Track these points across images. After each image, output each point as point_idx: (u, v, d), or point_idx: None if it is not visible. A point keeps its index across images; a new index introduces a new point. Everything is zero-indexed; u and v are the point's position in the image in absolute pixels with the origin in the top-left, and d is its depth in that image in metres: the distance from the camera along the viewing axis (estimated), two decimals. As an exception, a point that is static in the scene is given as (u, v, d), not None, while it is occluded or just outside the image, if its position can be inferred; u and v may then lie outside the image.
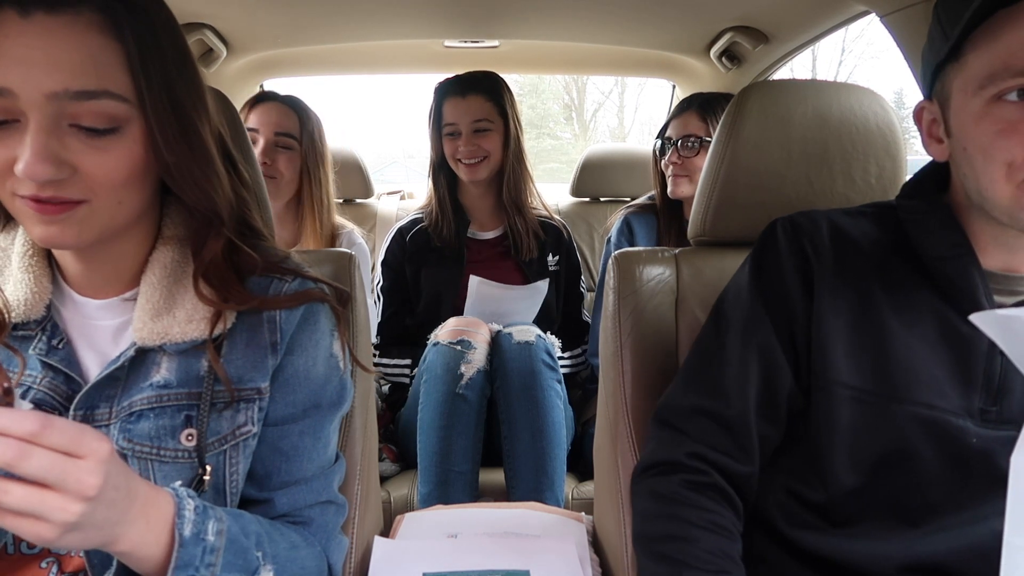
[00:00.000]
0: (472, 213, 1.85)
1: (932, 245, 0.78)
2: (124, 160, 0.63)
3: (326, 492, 0.80)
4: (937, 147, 0.79)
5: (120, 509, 0.56)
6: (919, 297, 0.78)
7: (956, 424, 0.75)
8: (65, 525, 0.51)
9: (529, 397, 1.53)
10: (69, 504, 0.51)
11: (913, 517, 0.76)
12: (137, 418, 0.69)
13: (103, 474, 0.52)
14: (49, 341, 0.70)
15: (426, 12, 1.72)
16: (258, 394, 0.73)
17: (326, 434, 0.80)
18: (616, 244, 1.84)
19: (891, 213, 0.84)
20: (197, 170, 0.69)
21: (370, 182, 2.32)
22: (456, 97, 1.76)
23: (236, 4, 1.57)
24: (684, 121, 1.73)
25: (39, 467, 0.49)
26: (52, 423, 0.51)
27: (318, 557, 0.77)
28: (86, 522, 0.52)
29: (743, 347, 0.82)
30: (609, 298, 1.04)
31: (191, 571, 0.62)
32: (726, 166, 0.99)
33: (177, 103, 0.66)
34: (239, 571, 0.66)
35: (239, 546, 0.66)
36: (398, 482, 1.62)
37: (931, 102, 0.79)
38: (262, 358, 0.74)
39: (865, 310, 0.79)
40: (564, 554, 0.99)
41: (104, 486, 0.53)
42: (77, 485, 0.51)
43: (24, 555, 0.69)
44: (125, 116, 0.63)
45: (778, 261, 0.82)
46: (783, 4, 1.54)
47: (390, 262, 1.83)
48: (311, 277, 0.79)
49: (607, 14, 1.71)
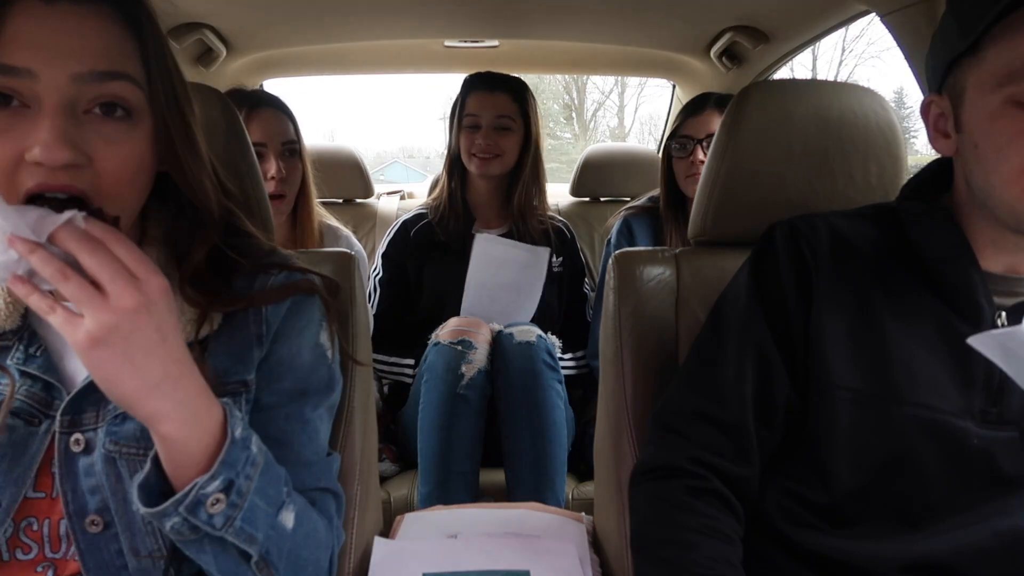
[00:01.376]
0: (479, 211, 1.85)
1: (932, 246, 0.78)
2: (135, 153, 0.64)
3: (326, 479, 0.79)
4: (944, 142, 0.78)
5: (161, 366, 0.58)
6: (918, 299, 0.78)
7: (957, 425, 0.74)
8: (100, 327, 0.54)
9: (530, 397, 1.53)
10: (108, 308, 0.54)
11: (914, 518, 0.76)
12: (122, 420, 0.69)
13: (145, 300, 0.56)
14: (26, 350, 0.70)
15: (426, 12, 1.72)
16: (244, 387, 0.73)
17: (314, 421, 0.79)
18: (616, 245, 1.84)
19: (891, 214, 0.84)
20: (198, 170, 0.70)
21: (370, 182, 2.32)
22: (483, 91, 1.77)
23: (236, 4, 1.57)
24: (706, 119, 1.71)
25: (97, 262, 0.55)
26: (121, 239, 0.57)
27: (327, 528, 0.76)
28: (117, 341, 0.55)
29: (740, 350, 0.81)
30: (609, 298, 1.04)
31: (233, 473, 0.62)
32: (726, 166, 0.99)
33: (180, 102, 0.68)
34: (268, 500, 0.65)
35: (273, 473, 0.67)
36: (398, 482, 1.62)
37: (940, 96, 0.77)
38: (247, 350, 0.73)
39: (864, 312, 0.78)
40: (564, 554, 0.99)
41: (144, 311, 0.56)
42: (121, 292, 0.55)
43: (19, 561, 0.68)
44: (139, 106, 0.64)
45: (776, 265, 0.82)
46: (783, 4, 1.54)
47: (391, 254, 1.82)
48: (298, 268, 0.79)
49: (607, 14, 1.72)
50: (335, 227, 1.74)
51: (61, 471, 0.67)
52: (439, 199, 1.85)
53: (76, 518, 0.68)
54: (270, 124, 1.56)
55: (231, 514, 0.62)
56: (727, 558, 0.75)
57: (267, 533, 0.65)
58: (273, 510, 0.66)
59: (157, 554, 0.68)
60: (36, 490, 0.68)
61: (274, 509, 0.66)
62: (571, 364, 1.80)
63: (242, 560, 0.65)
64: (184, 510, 0.60)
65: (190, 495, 0.60)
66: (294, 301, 0.77)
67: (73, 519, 0.68)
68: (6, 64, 0.59)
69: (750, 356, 0.81)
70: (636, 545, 0.81)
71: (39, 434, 0.68)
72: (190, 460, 0.61)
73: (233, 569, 0.65)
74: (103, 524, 0.68)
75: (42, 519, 0.69)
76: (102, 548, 0.68)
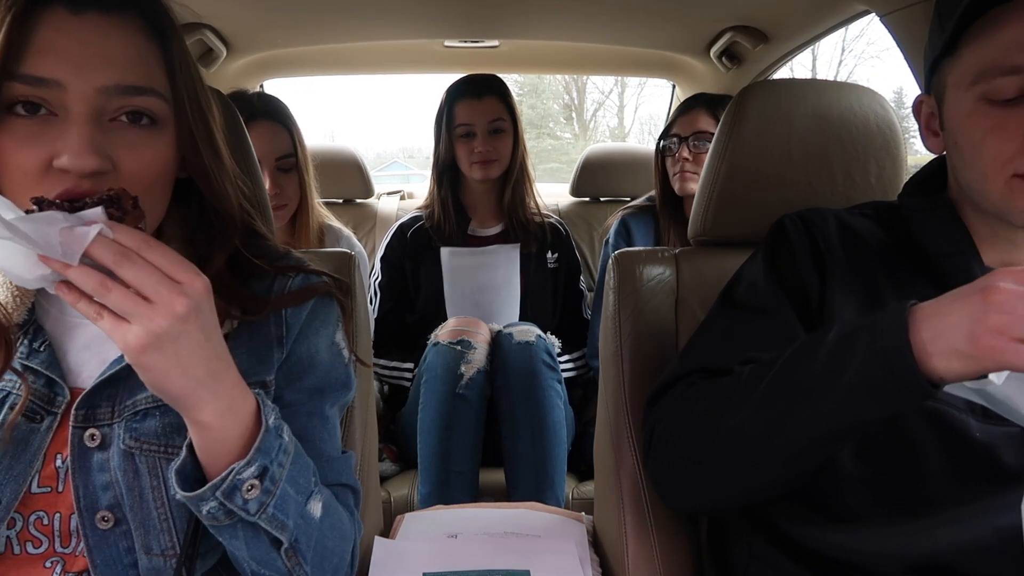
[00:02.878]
0: (473, 211, 1.86)
1: (934, 242, 0.79)
2: (159, 159, 0.66)
3: (345, 474, 0.80)
4: (934, 140, 0.80)
5: (206, 365, 0.59)
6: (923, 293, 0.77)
7: (958, 418, 0.74)
8: (149, 334, 0.55)
9: (529, 397, 1.53)
10: (157, 315, 0.55)
11: (914, 509, 0.76)
12: (143, 417, 0.69)
13: (193, 304, 0.56)
14: (31, 344, 0.70)
15: (426, 12, 1.72)
16: (263, 387, 0.74)
17: (332, 418, 0.80)
18: (614, 245, 1.84)
19: (893, 212, 0.85)
20: (221, 175, 0.72)
21: (370, 182, 2.32)
22: (471, 99, 1.77)
23: (236, 4, 1.57)
24: (693, 118, 1.73)
25: (136, 274, 0.55)
26: (156, 245, 0.56)
27: (350, 521, 0.77)
28: (169, 344, 0.56)
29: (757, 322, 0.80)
30: (609, 298, 1.04)
31: (267, 460, 0.63)
32: (726, 166, 0.99)
33: (202, 109, 0.70)
34: (298, 489, 0.67)
35: (303, 462, 0.69)
36: (398, 482, 1.62)
37: (929, 96, 0.80)
38: (267, 352, 0.74)
39: (872, 304, 0.79)
40: (564, 554, 1.00)
41: (193, 315, 0.56)
42: (168, 299, 0.55)
43: (29, 555, 0.69)
44: (165, 116, 0.66)
45: (791, 251, 0.82)
46: (783, 4, 1.54)
47: (390, 258, 1.83)
48: (313, 271, 0.80)
49: (607, 14, 1.72)
50: (336, 227, 1.74)
51: (74, 465, 0.68)
52: (431, 206, 1.86)
53: (87, 513, 0.68)
54: (264, 139, 1.53)
55: (265, 500, 0.63)
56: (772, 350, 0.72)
57: (296, 521, 0.67)
58: (303, 499, 0.68)
59: (169, 552, 0.68)
60: (40, 485, 0.69)
61: (303, 498, 0.68)
62: (571, 367, 1.80)
63: (272, 547, 0.67)
64: (221, 494, 0.62)
65: (228, 479, 0.62)
66: (314, 304, 0.78)
67: (84, 514, 0.68)
68: (35, 75, 0.60)
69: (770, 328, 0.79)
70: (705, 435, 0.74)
71: (40, 431, 0.68)
72: (224, 448, 0.62)
73: (264, 555, 0.67)
74: (114, 520, 0.68)
75: (52, 513, 0.69)
76: (111, 544, 0.69)
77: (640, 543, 0.92)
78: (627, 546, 0.93)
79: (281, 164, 1.57)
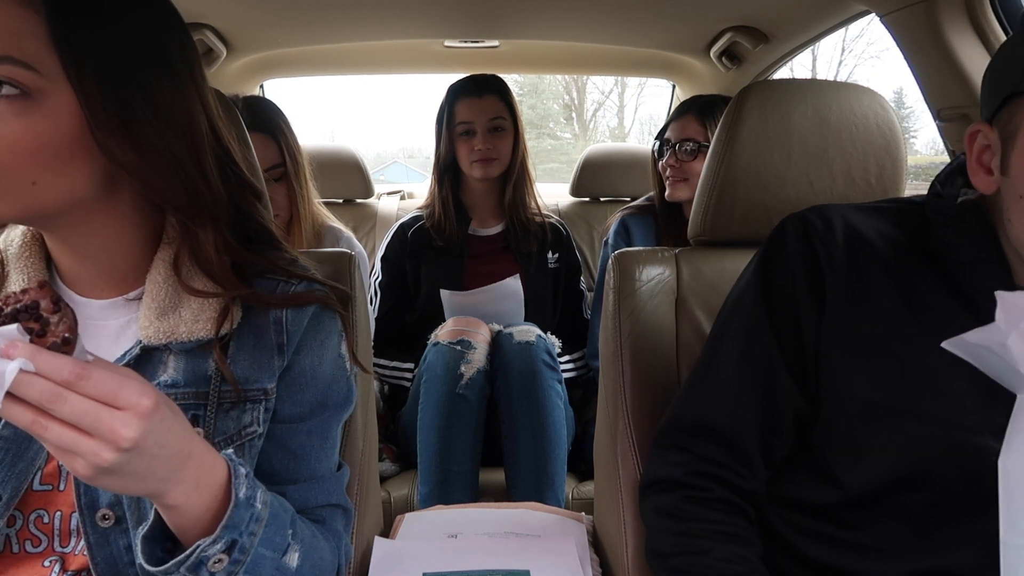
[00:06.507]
0: (474, 211, 1.86)
1: (961, 249, 0.71)
2: (28, 133, 0.59)
3: (336, 494, 0.80)
4: (985, 178, 0.69)
5: (167, 465, 0.56)
6: (939, 304, 0.72)
7: (976, 442, 0.69)
8: (97, 468, 0.52)
9: (529, 397, 1.53)
10: (102, 450, 0.51)
11: (924, 529, 0.73)
12: None
13: (141, 428, 0.52)
14: None
15: (426, 12, 1.72)
16: (264, 395, 0.73)
17: (333, 435, 0.80)
18: (614, 246, 1.84)
19: (914, 211, 0.77)
20: (152, 159, 0.64)
21: (370, 182, 2.32)
22: (472, 97, 1.77)
23: (236, 4, 1.57)
24: (683, 124, 1.73)
25: (72, 412, 0.50)
26: (90, 373, 0.51)
27: (333, 552, 0.77)
28: (121, 470, 0.53)
29: (743, 361, 0.78)
30: (609, 298, 1.04)
31: (236, 533, 0.62)
32: (726, 166, 0.99)
33: (113, 84, 0.62)
34: (274, 548, 0.66)
35: (279, 521, 0.67)
36: (398, 482, 1.62)
37: (991, 128, 0.68)
38: (268, 359, 0.74)
39: (881, 318, 0.73)
40: (564, 554, 0.99)
41: (141, 440, 0.52)
42: (110, 434, 0.51)
43: (29, 553, 0.69)
44: (35, 86, 0.59)
45: (787, 265, 0.77)
46: (783, 4, 1.54)
47: (390, 258, 1.84)
48: (319, 281, 0.79)
49: (607, 14, 1.72)
50: (336, 228, 1.73)
51: None
52: (431, 205, 1.86)
53: (87, 511, 0.68)
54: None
55: (233, 569, 0.63)
56: (742, 556, 0.73)
57: (272, 575, 0.66)
58: (278, 555, 0.67)
59: None
60: (42, 483, 0.69)
61: (279, 554, 0.67)
62: (571, 367, 1.80)
63: None
64: (186, 570, 0.61)
65: (192, 556, 0.60)
66: (315, 313, 0.77)
67: (84, 512, 0.68)
68: None
69: (754, 365, 0.77)
70: (651, 558, 0.80)
71: None
72: (192, 521, 0.61)
73: None
74: (114, 518, 0.69)
75: (52, 512, 0.69)
76: (112, 542, 0.69)
77: (640, 543, 0.92)
78: (627, 546, 0.93)
79: (268, 176, 1.53)
